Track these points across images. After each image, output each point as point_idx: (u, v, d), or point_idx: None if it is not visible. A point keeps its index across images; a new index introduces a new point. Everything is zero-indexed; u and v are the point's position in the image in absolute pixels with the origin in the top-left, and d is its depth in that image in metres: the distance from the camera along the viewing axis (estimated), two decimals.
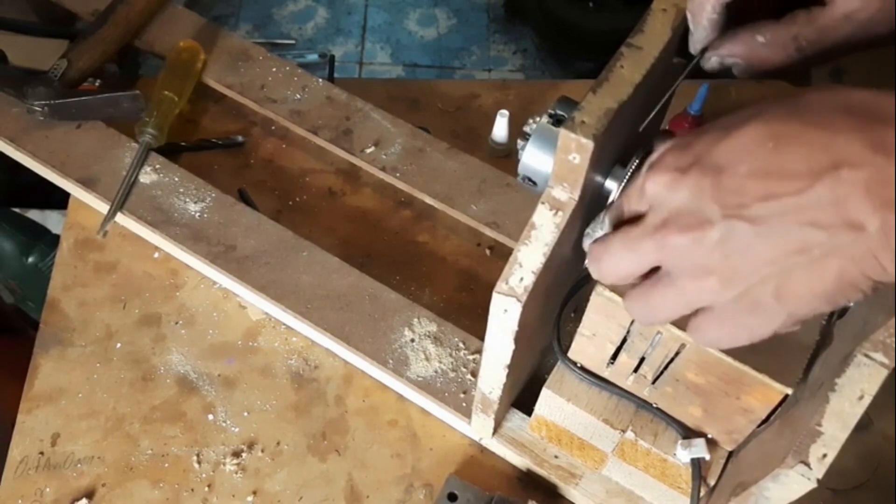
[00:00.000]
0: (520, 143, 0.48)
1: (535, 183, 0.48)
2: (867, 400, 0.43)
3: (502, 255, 0.82)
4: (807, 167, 0.32)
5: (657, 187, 0.37)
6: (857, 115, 0.32)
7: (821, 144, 0.32)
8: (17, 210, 1.15)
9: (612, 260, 0.40)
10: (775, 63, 0.43)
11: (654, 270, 0.39)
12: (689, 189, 0.35)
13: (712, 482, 0.56)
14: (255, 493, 0.70)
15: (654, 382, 0.53)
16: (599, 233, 0.43)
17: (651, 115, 0.48)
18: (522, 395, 0.69)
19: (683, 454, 0.55)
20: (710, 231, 0.35)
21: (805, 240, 0.33)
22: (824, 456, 0.42)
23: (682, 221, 0.36)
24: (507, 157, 0.88)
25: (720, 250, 0.35)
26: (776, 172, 0.33)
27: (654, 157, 0.38)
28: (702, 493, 0.55)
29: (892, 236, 0.31)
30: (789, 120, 0.33)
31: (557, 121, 0.46)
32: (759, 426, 0.51)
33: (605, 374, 0.56)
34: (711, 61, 0.45)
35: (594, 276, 0.42)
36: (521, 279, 0.48)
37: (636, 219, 0.39)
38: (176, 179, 0.81)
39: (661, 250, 0.37)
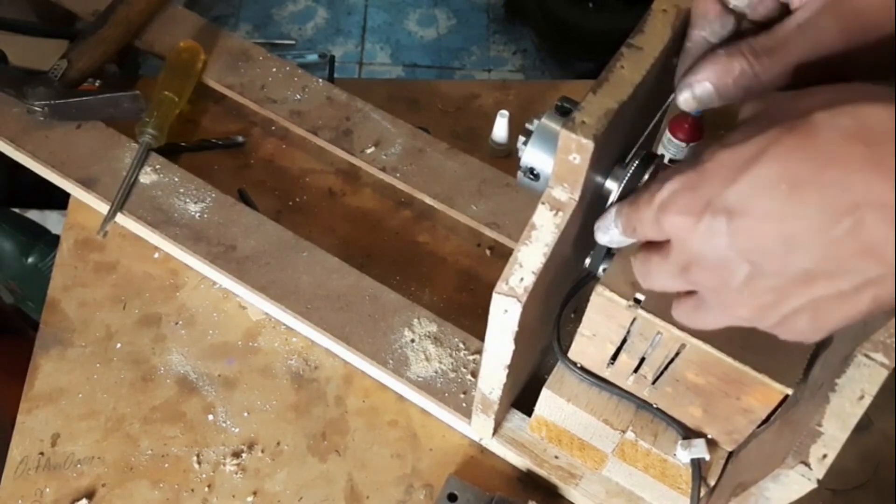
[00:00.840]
0: (521, 139, 0.48)
1: (537, 177, 0.48)
2: (867, 400, 0.43)
3: (502, 255, 0.82)
4: (824, 210, 0.31)
5: (674, 230, 0.37)
6: (871, 144, 0.31)
7: (837, 185, 0.31)
8: (17, 210, 1.14)
9: (654, 283, 0.41)
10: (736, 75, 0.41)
11: None
12: (704, 235, 0.35)
13: (712, 482, 0.56)
14: (255, 493, 0.70)
15: (654, 383, 0.53)
16: (614, 230, 0.43)
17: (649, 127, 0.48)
18: (522, 395, 0.69)
19: (683, 454, 0.55)
20: (732, 275, 0.35)
21: (831, 276, 0.33)
22: (824, 456, 0.42)
23: (705, 266, 0.36)
24: (507, 157, 0.88)
25: (748, 289, 0.35)
26: (792, 215, 0.32)
27: (663, 195, 0.37)
28: (702, 494, 0.55)
29: None
30: (801, 157, 0.32)
31: (564, 112, 0.46)
32: (759, 426, 0.51)
33: (606, 374, 0.56)
34: (684, 96, 0.42)
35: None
36: (521, 279, 0.48)
37: (663, 244, 0.39)
38: (176, 180, 0.81)
39: (694, 286, 0.38)
